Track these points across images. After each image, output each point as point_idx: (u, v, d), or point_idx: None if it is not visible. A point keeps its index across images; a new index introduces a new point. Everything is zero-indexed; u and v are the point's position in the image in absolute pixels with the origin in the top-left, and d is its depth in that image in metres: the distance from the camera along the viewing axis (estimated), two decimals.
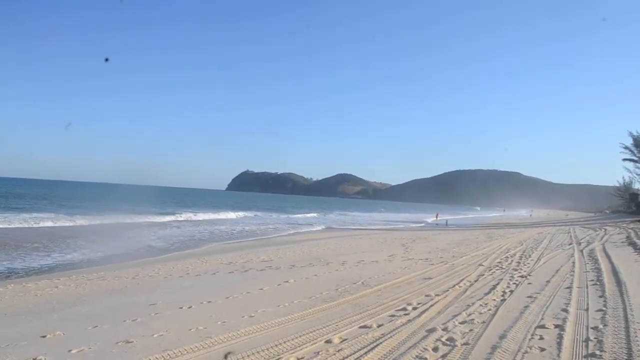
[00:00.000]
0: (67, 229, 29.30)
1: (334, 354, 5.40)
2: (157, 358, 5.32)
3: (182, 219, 44.54)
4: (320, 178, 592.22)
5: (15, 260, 16.36)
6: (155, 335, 6.33)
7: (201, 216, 48.97)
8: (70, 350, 5.74)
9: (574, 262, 13.45)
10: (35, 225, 30.05)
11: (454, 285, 9.90)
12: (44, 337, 6.46)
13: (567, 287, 9.52)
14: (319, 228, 42.07)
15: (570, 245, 19.00)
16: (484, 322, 6.77)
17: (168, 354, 5.44)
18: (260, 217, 55.93)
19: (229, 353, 4.98)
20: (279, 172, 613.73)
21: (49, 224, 31.80)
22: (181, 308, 8.21)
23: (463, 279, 10.72)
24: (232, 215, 54.60)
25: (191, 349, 5.64)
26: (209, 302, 8.69)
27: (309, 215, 68.76)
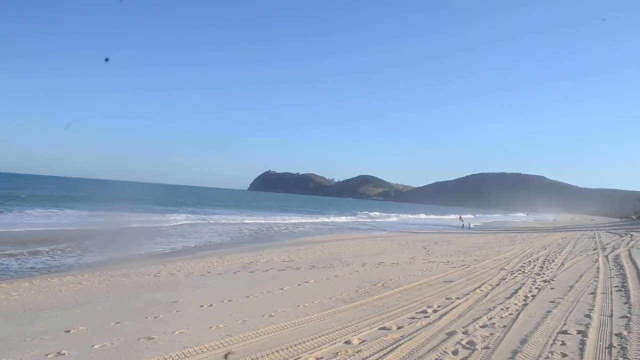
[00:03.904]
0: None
1: (353, 355, 5.40)
2: (177, 355, 5.38)
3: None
4: (341, 179, 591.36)
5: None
6: (176, 332, 6.40)
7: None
8: (93, 345, 5.84)
9: (598, 268, 13.23)
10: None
11: (475, 289, 9.82)
12: (68, 331, 6.57)
13: (591, 293, 9.38)
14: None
15: (595, 251, 18.69)
16: (505, 326, 6.71)
17: (188, 351, 5.50)
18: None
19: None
20: (301, 172, 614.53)
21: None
22: (202, 306, 8.28)
23: (484, 283, 10.63)
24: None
25: (211, 346, 5.69)
26: (230, 300, 8.75)
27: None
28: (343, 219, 62.06)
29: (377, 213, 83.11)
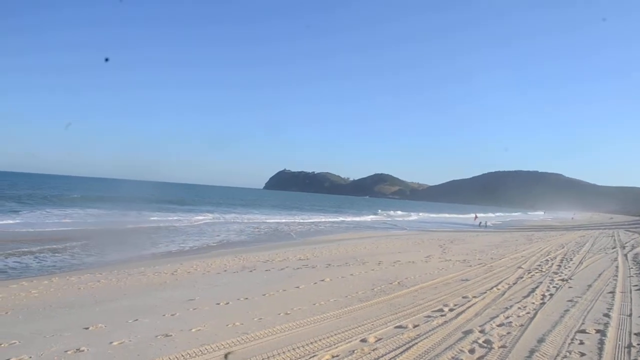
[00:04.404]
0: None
1: (369, 353, 5.40)
2: (195, 352, 5.42)
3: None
4: (356, 178, 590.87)
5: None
6: (193, 330, 6.45)
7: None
8: (111, 342, 5.90)
9: (617, 267, 13.08)
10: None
11: (492, 288, 9.75)
12: (87, 328, 6.65)
13: (610, 292, 9.27)
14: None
15: (614, 249, 18.47)
16: (522, 325, 6.66)
17: (206, 349, 5.54)
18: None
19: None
20: (316, 171, 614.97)
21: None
22: (218, 304, 8.32)
23: (501, 282, 10.56)
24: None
25: (228, 344, 5.72)
26: (246, 298, 8.79)
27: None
28: (365, 218, 62.88)
29: (399, 212, 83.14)
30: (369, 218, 63.05)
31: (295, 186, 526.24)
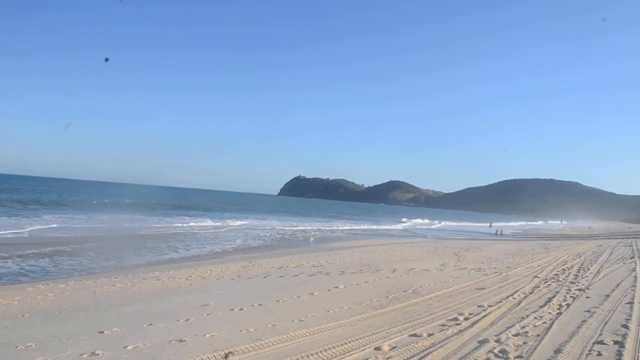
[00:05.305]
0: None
1: None
2: (208, 357, 5.43)
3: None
4: (371, 185, 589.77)
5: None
6: (207, 335, 6.46)
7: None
8: (126, 347, 5.94)
9: (635, 277, 12.88)
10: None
11: (508, 297, 9.66)
12: (102, 332, 6.70)
13: (628, 303, 9.13)
14: None
15: (632, 259, 18.21)
16: (538, 335, 6.58)
17: (220, 354, 5.54)
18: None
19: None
20: (331, 178, 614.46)
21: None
22: (232, 310, 8.34)
23: (517, 291, 10.45)
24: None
25: (242, 350, 5.73)
26: (260, 304, 8.79)
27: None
28: (396, 226, 63.19)
29: (426, 220, 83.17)
30: (400, 226, 63.65)
31: (310, 192, 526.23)
